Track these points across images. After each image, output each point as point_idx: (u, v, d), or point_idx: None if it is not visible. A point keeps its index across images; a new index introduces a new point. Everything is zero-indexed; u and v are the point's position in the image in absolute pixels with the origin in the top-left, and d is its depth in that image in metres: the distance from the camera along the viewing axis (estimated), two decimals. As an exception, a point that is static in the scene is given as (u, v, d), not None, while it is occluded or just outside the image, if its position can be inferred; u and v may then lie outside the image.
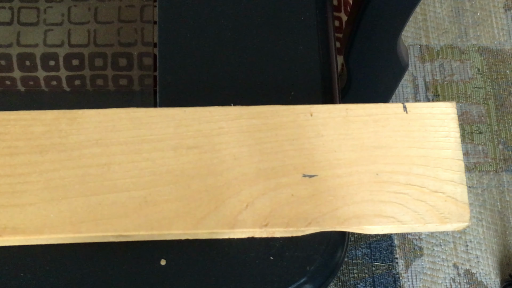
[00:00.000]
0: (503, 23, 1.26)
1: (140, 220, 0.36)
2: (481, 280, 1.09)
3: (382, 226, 0.37)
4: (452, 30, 1.25)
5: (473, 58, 1.23)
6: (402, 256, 1.10)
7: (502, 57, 1.23)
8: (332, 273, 0.39)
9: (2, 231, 0.36)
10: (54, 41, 0.44)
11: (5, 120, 0.38)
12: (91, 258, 0.37)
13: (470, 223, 0.37)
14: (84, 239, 0.37)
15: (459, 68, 1.23)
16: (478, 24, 1.25)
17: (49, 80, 0.46)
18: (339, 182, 0.37)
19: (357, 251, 1.10)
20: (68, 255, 0.37)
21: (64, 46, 0.45)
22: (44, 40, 0.44)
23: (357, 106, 0.39)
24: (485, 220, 1.13)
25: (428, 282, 1.09)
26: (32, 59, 0.43)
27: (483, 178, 1.15)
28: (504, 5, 1.27)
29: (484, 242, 1.11)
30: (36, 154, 0.37)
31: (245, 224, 0.36)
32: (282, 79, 0.42)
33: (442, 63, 1.23)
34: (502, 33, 1.25)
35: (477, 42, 1.24)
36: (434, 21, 1.25)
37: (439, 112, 0.39)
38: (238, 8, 0.44)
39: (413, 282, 1.08)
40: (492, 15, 1.26)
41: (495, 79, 1.22)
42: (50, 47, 0.43)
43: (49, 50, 0.44)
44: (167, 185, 0.37)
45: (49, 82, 0.46)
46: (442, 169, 0.38)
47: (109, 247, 0.37)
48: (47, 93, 0.46)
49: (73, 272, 0.37)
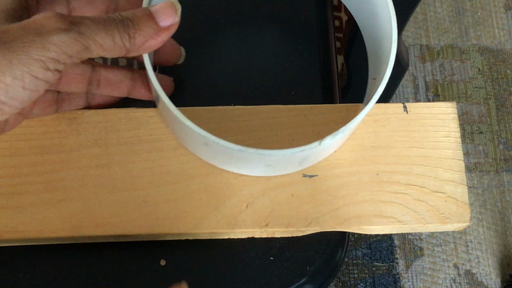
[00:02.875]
0: (504, 23, 1.26)
1: (140, 220, 0.36)
2: (482, 280, 1.09)
3: (382, 226, 0.37)
4: (452, 30, 1.25)
5: (474, 58, 1.23)
6: (403, 257, 1.10)
7: (503, 57, 1.23)
8: (332, 273, 0.39)
9: (2, 231, 0.35)
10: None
11: (5, 120, 0.38)
12: (91, 258, 0.37)
13: (470, 223, 0.37)
14: (84, 239, 0.37)
15: (459, 68, 1.22)
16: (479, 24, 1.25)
17: (49, 80, 0.45)
18: (339, 182, 0.37)
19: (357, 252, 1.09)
20: (68, 255, 0.37)
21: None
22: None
23: (357, 106, 0.39)
24: (486, 220, 1.13)
25: (429, 282, 1.09)
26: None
27: (484, 178, 1.15)
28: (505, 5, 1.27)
29: (485, 243, 1.11)
30: (36, 155, 0.37)
31: (245, 224, 0.36)
32: (282, 79, 0.42)
33: (442, 63, 1.23)
34: (503, 33, 1.25)
35: (478, 42, 1.24)
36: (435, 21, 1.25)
37: (439, 112, 0.39)
38: (238, 8, 0.44)
39: (413, 283, 1.08)
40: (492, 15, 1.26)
41: (495, 79, 1.22)
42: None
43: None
44: (167, 185, 0.37)
45: (49, 82, 0.45)
46: (443, 169, 0.38)
47: (109, 247, 0.37)
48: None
49: (73, 272, 0.37)
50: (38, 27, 0.28)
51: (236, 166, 0.36)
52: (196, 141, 0.35)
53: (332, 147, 0.36)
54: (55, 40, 0.28)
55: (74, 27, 0.29)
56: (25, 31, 0.28)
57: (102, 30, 0.29)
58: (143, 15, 0.31)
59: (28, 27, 0.28)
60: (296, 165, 0.36)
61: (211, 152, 0.35)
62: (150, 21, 0.31)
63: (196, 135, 0.33)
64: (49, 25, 0.28)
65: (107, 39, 0.30)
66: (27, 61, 0.27)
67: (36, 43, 0.28)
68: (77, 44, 0.29)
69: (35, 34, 0.28)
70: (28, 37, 0.28)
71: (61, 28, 0.28)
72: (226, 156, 0.35)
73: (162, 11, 0.32)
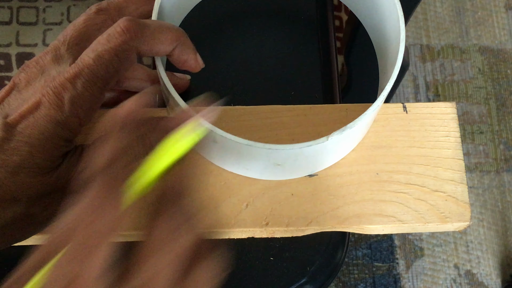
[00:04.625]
0: (504, 23, 1.26)
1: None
2: (482, 280, 1.09)
3: (382, 225, 0.37)
4: (453, 30, 1.25)
5: (474, 57, 1.23)
6: (403, 257, 1.10)
7: (503, 57, 1.23)
8: (332, 273, 0.39)
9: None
10: (54, 40, 0.44)
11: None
12: (91, 258, 0.37)
13: (471, 223, 0.37)
14: (83, 239, 0.36)
15: (459, 67, 1.22)
16: (479, 24, 1.25)
17: (48, 80, 0.45)
18: (339, 182, 0.37)
19: (357, 252, 1.09)
20: (67, 255, 0.37)
21: (64, 46, 0.44)
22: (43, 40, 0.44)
23: (357, 106, 0.39)
24: (486, 220, 1.13)
25: (429, 282, 1.09)
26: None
27: (484, 178, 1.15)
28: (505, 4, 1.27)
29: (485, 243, 1.11)
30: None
31: (245, 224, 0.36)
32: (282, 79, 0.42)
33: (442, 62, 1.23)
34: (503, 33, 1.25)
35: (478, 42, 1.24)
36: (435, 20, 1.25)
37: (439, 112, 0.39)
38: (238, 8, 0.44)
39: (413, 283, 1.08)
40: (493, 14, 1.26)
41: (496, 78, 1.22)
42: (50, 47, 0.43)
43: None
44: (166, 185, 0.37)
45: (49, 82, 0.45)
46: (443, 169, 0.38)
47: (109, 247, 0.37)
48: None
49: (72, 272, 0.37)
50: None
51: (244, 166, 0.36)
52: (205, 138, 0.34)
53: (340, 147, 0.36)
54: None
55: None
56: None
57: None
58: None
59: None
60: (304, 166, 0.36)
61: (220, 150, 0.35)
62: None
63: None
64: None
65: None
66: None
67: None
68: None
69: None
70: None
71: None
72: (234, 154, 0.35)
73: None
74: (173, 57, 0.34)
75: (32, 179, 0.29)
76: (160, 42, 0.32)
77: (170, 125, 0.26)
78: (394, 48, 0.36)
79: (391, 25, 0.37)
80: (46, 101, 0.29)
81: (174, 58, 0.34)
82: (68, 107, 0.29)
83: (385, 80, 0.36)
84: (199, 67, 0.35)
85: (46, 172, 0.30)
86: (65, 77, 0.29)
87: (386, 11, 0.37)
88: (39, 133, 0.29)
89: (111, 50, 0.30)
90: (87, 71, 0.30)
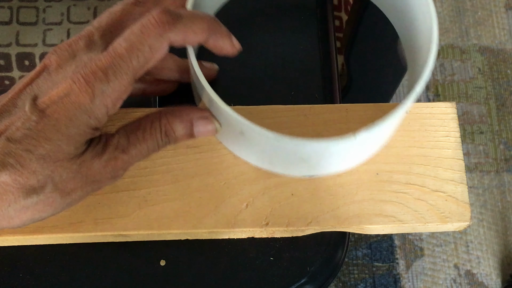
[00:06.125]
0: (504, 23, 1.26)
1: (139, 220, 0.36)
2: (482, 280, 1.09)
3: (382, 225, 0.37)
4: (453, 30, 1.25)
5: (474, 57, 1.23)
6: (403, 257, 1.10)
7: (503, 57, 1.23)
8: (332, 273, 0.39)
9: (1, 230, 0.35)
10: (54, 40, 0.43)
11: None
12: (91, 258, 0.37)
13: (471, 223, 0.37)
14: (83, 238, 0.37)
15: (460, 67, 1.22)
16: (479, 24, 1.25)
17: (48, 80, 0.45)
18: (339, 182, 0.37)
19: (357, 252, 1.09)
20: (67, 255, 0.37)
21: (64, 46, 0.44)
22: (43, 40, 0.44)
23: (357, 106, 0.39)
24: (486, 220, 1.13)
25: (429, 282, 1.09)
26: (31, 59, 0.43)
27: (484, 178, 1.15)
28: (505, 4, 1.27)
29: (485, 243, 1.11)
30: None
31: (245, 224, 0.36)
32: (282, 79, 0.42)
33: (442, 62, 1.23)
34: (503, 33, 1.25)
35: (478, 42, 1.24)
36: (435, 21, 1.25)
37: (439, 112, 0.39)
38: (238, 8, 0.44)
39: (413, 283, 1.08)
40: (493, 14, 1.26)
41: (496, 78, 1.22)
42: (50, 46, 0.43)
43: (49, 50, 0.44)
44: (167, 184, 0.37)
45: (49, 82, 0.45)
46: (442, 169, 0.38)
47: (109, 247, 0.37)
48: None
49: (72, 272, 0.37)
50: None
51: (270, 161, 0.36)
52: (233, 130, 0.34)
53: (369, 146, 0.35)
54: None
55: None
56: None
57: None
58: (183, 136, 0.34)
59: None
60: (331, 162, 0.36)
61: (247, 143, 0.35)
62: (188, 139, 0.35)
63: (233, 121, 0.32)
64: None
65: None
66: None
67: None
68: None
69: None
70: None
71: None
72: (261, 148, 0.34)
73: (202, 126, 0.35)
74: (209, 45, 0.33)
75: (56, 164, 0.30)
76: (193, 32, 0.31)
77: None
78: (425, 49, 0.35)
79: (423, 26, 0.36)
80: (76, 88, 0.29)
81: (210, 46, 0.34)
82: (97, 95, 0.30)
83: (414, 81, 0.35)
84: (237, 51, 0.35)
85: (70, 158, 0.30)
86: (96, 65, 0.29)
87: (419, 13, 0.36)
88: (66, 119, 0.29)
89: (144, 41, 0.30)
90: (118, 61, 0.30)
